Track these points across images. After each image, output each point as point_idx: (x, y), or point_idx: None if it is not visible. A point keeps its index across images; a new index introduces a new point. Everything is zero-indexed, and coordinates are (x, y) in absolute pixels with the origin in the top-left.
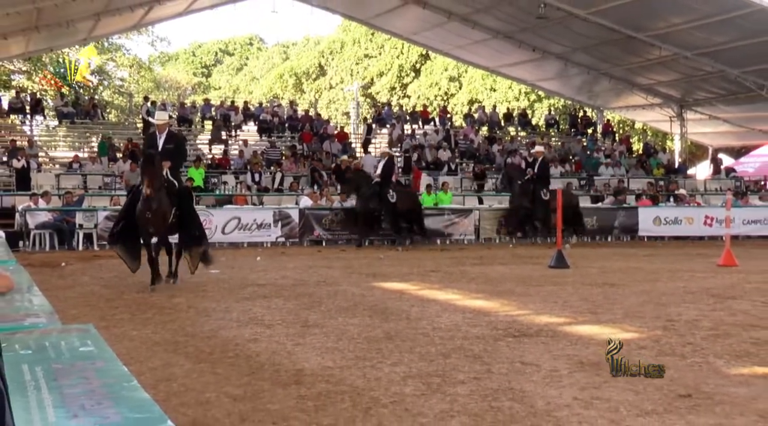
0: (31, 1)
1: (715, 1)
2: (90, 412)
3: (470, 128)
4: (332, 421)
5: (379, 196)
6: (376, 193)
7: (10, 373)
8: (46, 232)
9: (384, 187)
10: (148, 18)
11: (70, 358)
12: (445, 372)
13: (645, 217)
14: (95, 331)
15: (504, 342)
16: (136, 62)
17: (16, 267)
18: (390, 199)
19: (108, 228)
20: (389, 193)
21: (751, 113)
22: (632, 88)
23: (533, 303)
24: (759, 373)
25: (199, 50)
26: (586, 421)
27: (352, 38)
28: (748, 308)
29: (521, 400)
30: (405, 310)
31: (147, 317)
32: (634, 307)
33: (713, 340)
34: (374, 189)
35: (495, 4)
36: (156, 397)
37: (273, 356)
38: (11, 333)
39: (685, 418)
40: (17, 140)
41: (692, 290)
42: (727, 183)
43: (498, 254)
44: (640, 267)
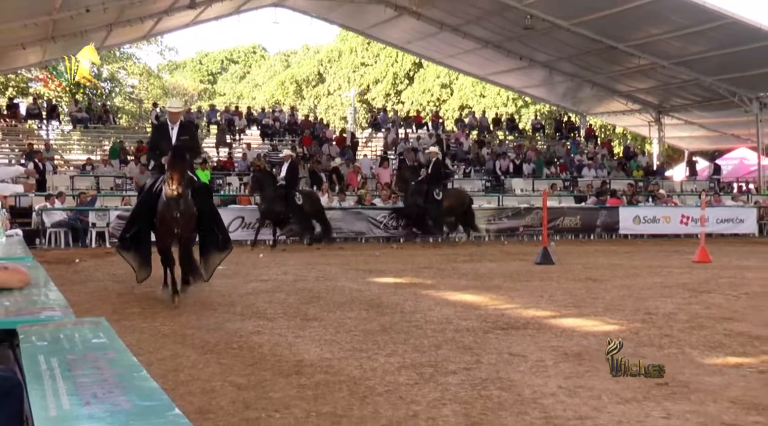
0: (47, 13)
1: (690, 14)
2: (102, 400)
3: (461, 132)
4: (331, 408)
5: (285, 198)
6: (281, 195)
7: (27, 363)
8: (61, 230)
9: (289, 189)
10: (157, 29)
11: (84, 349)
12: (437, 362)
13: (625, 216)
14: (107, 324)
15: (493, 334)
16: (145, 70)
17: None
18: (296, 201)
19: (120, 227)
20: (296, 195)
21: (724, 119)
22: (613, 94)
23: (520, 297)
24: (731, 363)
25: (205, 59)
26: (570, 408)
27: (349, 47)
28: (722, 302)
29: (509, 388)
30: (399, 304)
31: (156, 311)
32: (615, 301)
33: (689, 331)
34: (279, 191)
35: (484, 15)
36: (164, 386)
37: (275, 348)
38: (29, 325)
39: (662, 405)
40: (34, 144)
41: (669, 285)
42: (702, 184)
43: (487, 251)
44: (621, 263)
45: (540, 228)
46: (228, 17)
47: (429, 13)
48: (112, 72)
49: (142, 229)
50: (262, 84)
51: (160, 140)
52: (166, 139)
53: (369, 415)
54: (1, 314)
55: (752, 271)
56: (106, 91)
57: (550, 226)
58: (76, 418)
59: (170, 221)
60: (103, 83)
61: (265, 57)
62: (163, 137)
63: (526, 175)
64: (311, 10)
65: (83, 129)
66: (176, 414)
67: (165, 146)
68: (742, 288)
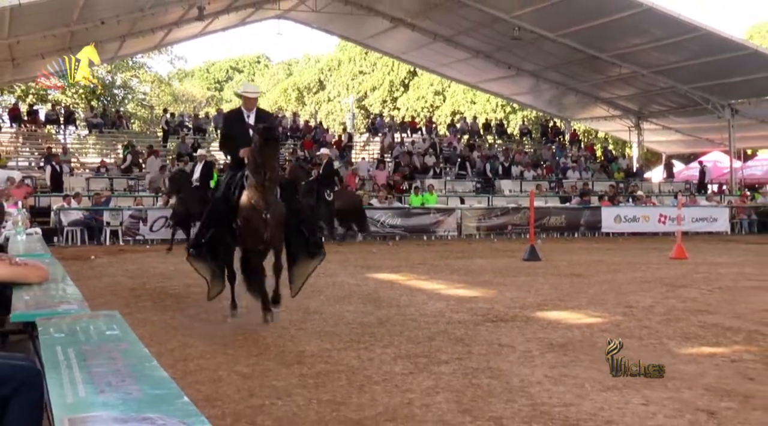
0: (65, 25)
1: (668, 26)
2: (115, 388)
3: (453, 136)
4: (330, 396)
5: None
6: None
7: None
8: (78, 228)
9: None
10: (167, 39)
11: (98, 341)
12: (431, 353)
13: (607, 216)
14: (120, 317)
15: (483, 326)
16: (156, 78)
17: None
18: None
19: (132, 225)
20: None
21: (699, 124)
22: (596, 101)
23: (509, 292)
24: (705, 353)
25: (213, 68)
26: (556, 396)
27: (348, 57)
28: (697, 296)
29: (498, 377)
30: (395, 299)
31: (166, 304)
32: (597, 295)
33: (666, 323)
34: (195, 192)
35: (475, 26)
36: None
37: (278, 339)
38: (47, 318)
39: (641, 393)
40: (53, 147)
41: (648, 280)
42: (679, 185)
43: (478, 249)
44: (603, 260)
45: (527, 226)
46: (234, 28)
47: (423, 24)
48: (125, 80)
49: (217, 236)
50: (266, 91)
51: (235, 130)
52: (242, 128)
53: (367, 403)
54: (22, 307)
55: (725, 266)
56: (120, 97)
57: (537, 224)
58: (91, 405)
59: (258, 223)
60: (117, 90)
61: (269, 66)
62: (239, 126)
63: (514, 177)
64: (312, 21)
65: (98, 133)
66: (185, 401)
67: (242, 137)
68: (716, 283)
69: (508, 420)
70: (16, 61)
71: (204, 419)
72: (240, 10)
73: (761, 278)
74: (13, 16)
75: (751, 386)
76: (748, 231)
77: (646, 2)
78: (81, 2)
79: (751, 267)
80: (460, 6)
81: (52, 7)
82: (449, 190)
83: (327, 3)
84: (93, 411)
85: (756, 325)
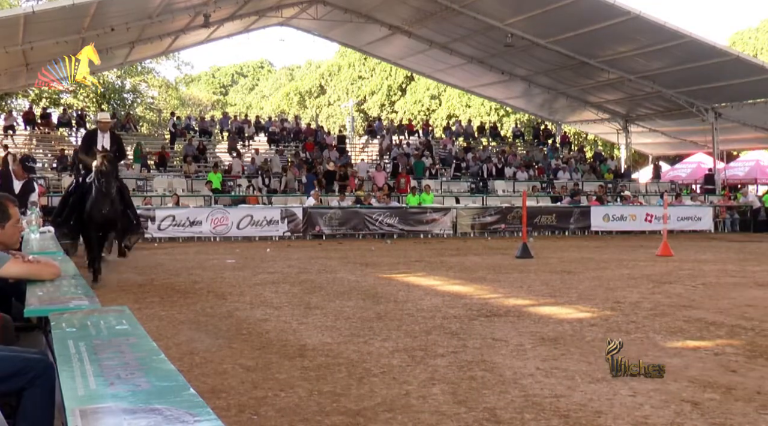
0: (77, 32)
1: (653, 34)
2: (125, 381)
3: (449, 139)
4: (331, 388)
5: None
6: None
7: (57, 347)
8: None
9: None
10: (174, 45)
11: (108, 335)
12: (427, 346)
13: (596, 215)
14: (129, 312)
15: (477, 321)
16: (164, 83)
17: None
18: None
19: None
20: None
21: (684, 127)
22: (585, 105)
23: (502, 288)
24: (690, 346)
25: (218, 73)
26: (547, 387)
27: (348, 62)
28: (682, 291)
29: (492, 370)
30: (393, 294)
31: (173, 300)
32: (587, 291)
33: (652, 318)
34: None
35: (469, 34)
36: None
37: (280, 333)
38: (59, 313)
39: (629, 384)
40: (65, 149)
41: (635, 276)
42: (665, 185)
43: (472, 246)
44: (592, 257)
45: (520, 225)
46: (238, 35)
47: (419, 32)
48: (134, 84)
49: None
50: (269, 95)
51: (90, 146)
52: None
53: (366, 394)
54: (35, 303)
55: (709, 263)
56: (129, 101)
57: (529, 223)
58: (102, 397)
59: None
60: (126, 94)
61: (272, 71)
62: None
63: (507, 178)
64: (314, 28)
65: None
66: (191, 393)
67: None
68: (700, 279)
69: (502, 410)
70: (30, 66)
71: (209, 410)
72: (244, 17)
73: (743, 275)
74: (27, 23)
75: (733, 378)
76: (730, 229)
77: (634, 10)
78: (92, 10)
79: (733, 264)
80: (455, 14)
81: (65, 15)
82: (445, 190)
83: (327, 11)
84: (103, 402)
85: (738, 320)
